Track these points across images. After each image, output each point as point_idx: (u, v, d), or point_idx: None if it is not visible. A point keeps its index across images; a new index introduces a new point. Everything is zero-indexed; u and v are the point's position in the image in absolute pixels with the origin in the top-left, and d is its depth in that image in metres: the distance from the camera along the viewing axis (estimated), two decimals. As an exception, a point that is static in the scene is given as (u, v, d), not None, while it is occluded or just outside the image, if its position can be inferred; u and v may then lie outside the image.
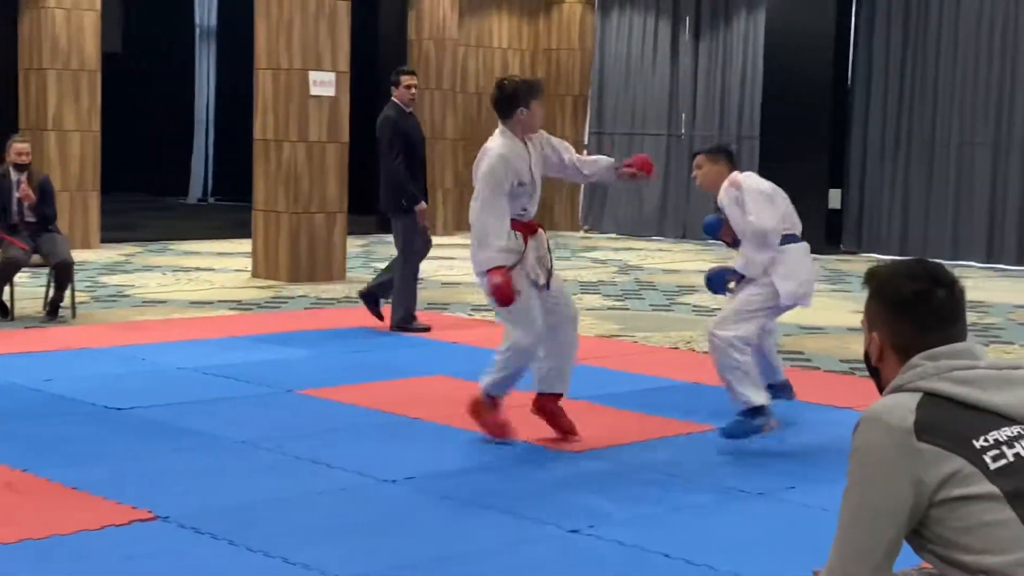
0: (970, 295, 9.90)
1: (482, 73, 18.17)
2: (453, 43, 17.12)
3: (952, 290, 2.45)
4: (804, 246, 6.62)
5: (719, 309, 10.73)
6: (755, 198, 6.32)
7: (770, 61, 16.44)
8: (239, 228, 15.79)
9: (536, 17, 18.73)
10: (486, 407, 5.96)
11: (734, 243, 6.68)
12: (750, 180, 6.45)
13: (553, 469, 5.61)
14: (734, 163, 6.55)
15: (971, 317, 10.70)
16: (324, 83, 12.01)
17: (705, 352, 8.69)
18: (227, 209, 20.49)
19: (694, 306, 11.10)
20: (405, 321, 9.09)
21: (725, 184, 6.41)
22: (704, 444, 6.15)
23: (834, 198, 16.13)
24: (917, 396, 2.36)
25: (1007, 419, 2.33)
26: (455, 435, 6.18)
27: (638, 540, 4.60)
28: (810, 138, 16.09)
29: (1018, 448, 2.30)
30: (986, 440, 2.30)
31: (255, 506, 4.93)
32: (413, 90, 9.27)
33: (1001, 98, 14.99)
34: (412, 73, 9.52)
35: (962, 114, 15.29)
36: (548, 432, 6.20)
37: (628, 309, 10.84)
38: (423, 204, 9.03)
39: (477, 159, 5.98)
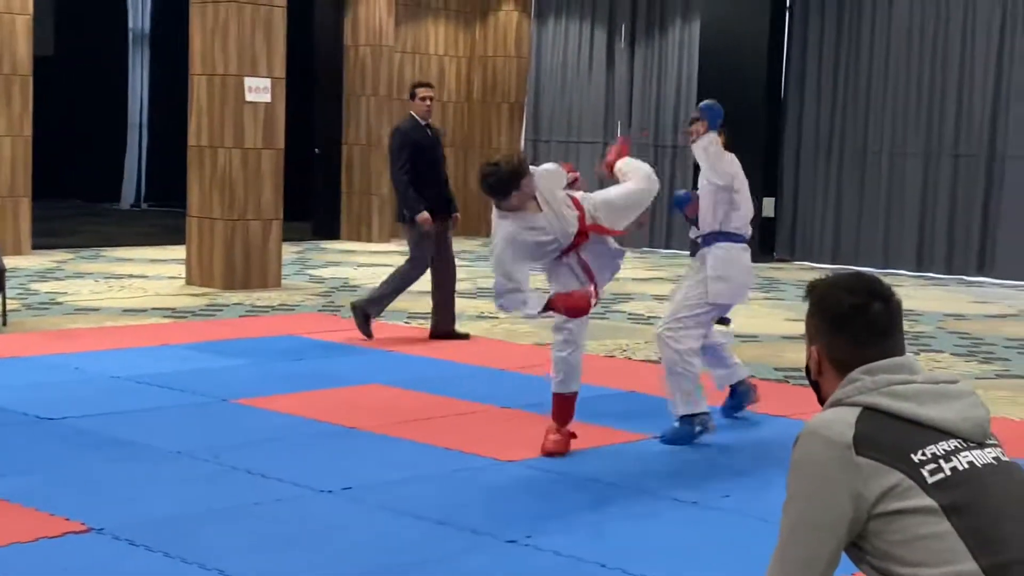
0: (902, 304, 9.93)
1: (418, 79, 18.14)
2: (389, 50, 17.11)
3: (889, 303, 2.48)
4: (743, 247, 6.70)
5: (656, 318, 10.83)
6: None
7: (705, 70, 16.57)
8: (173, 234, 15.67)
9: (472, 24, 18.76)
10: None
11: (695, 221, 6.84)
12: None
13: (490, 479, 5.63)
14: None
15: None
16: (260, 89, 11.95)
17: (640, 360, 8.77)
18: (161, 215, 20.31)
19: (629, 314, 11.17)
20: (362, 315, 9.16)
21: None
22: (640, 453, 6.20)
23: (768, 206, 16.30)
24: (856, 410, 2.39)
25: (944, 433, 2.37)
26: (392, 445, 6.17)
27: (575, 550, 4.63)
28: (744, 146, 16.04)
29: (955, 462, 2.34)
30: (924, 454, 2.33)
31: (191, 517, 4.90)
32: (428, 102, 9.29)
33: (932, 107, 15.22)
34: (427, 85, 9.49)
35: (894, 123, 15.51)
36: (485, 442, 6.22)
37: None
38: (425, 213, 9.01)
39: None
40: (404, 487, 5.43)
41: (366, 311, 9.18)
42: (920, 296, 12.94)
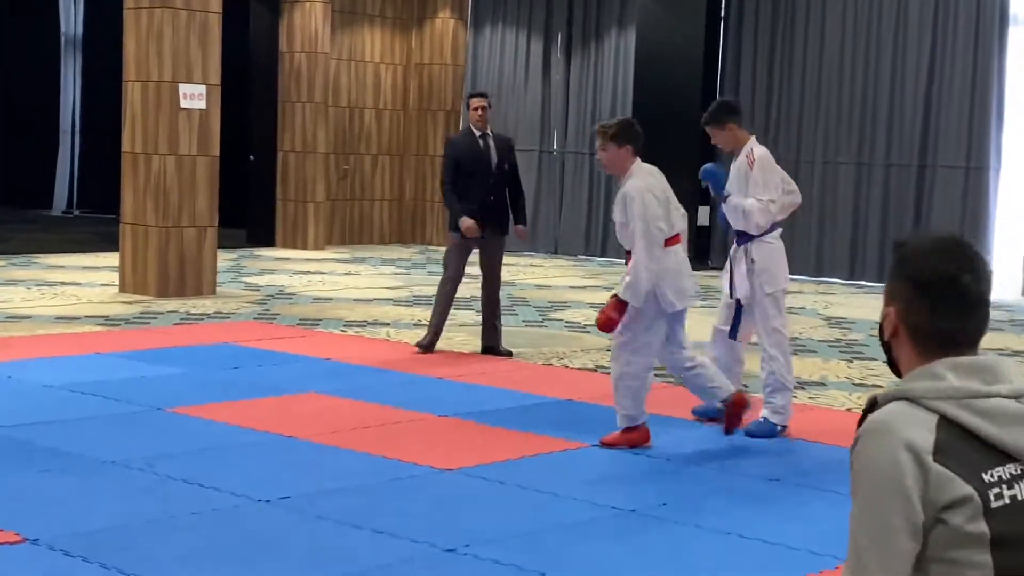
0: (833, 312, 10.21)
1: (354, 87, 18.13)
2: (325, 57, 17.05)
3: (979, 277, 2.29)
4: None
5: (590, 326, 10.88)
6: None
7: (640, 78, 16.68)
8: (106, 241, 15.50)
9: (408, 32, 18.75)
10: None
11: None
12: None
13: (428, 488, 5.63)
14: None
15: (835, 333, 11.03)
16: (194, 96, 11.86)
17: (577, 368, 8.80)
18: (93, 222, 20.09)
19: (567, 322, 11.21)
20: (428, 345, 9.16)
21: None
22: (578, 461, 6.23)
23: (702, 215, 16.43)
24: (934, 418, 2.24)
25: (1011, 458, 2.24)
26: (329, 454, 6.16)
27: (515, 559, 4.64)
28: (680, 155, 16.34)
29: (1016, 490, 2.23)
30: (991, 476, 2.21)
31: (127, 528, 4.86)
32: (480, 111, 9.27)
33: (864, 118, 15.43)
34: (481, 95, 9.48)
35: (826, 133, 15.70)
36: (423, 451, 6.22)
37: (502, 325, 10.87)
38: (468, 220, 8.98)
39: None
40: (342, 496, 5.41)
41: (430, 348, 9.20)
42: (852, 304, 13.11)
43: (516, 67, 18.28)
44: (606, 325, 6.40)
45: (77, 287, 12.34)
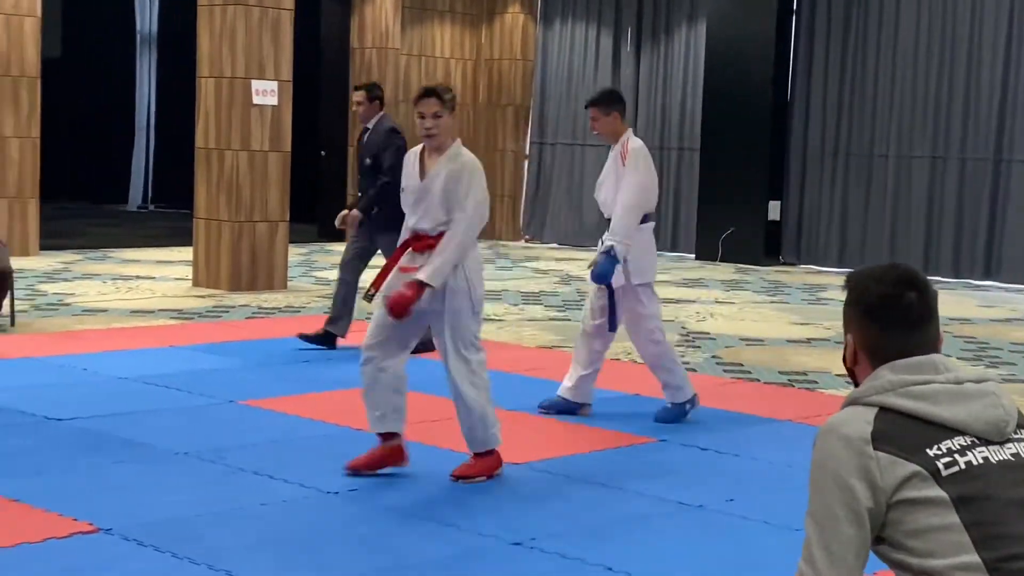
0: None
1: (424, 82, 18.18)
2: (395, 52, 17.14)
3: (924, 294, 2.52)
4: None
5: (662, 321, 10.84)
6: None
7: (710, 73, 16.59)
8: (180, 236, 15.71)
9: (478, 27, 18.79)
10: None
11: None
12: None
13: (495, 481, 5.65)
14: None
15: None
16: (266, 92, 11.99)
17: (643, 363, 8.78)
18: (168, 217, 20.36)
19: (635, 317, 11.17)
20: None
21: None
22: (645, 455, 6.21)
23: (773, 210, 16.32)
24: (873, 410, 2.45)
25: (958, 432, 2.43)
26: (398, 447, 6.19)
27: (580, 553, 4.65)
28: (750, 149, 16.27)
29: (970, 456, 2.40)
30: (939, 449, 2.40)
31: (197, 518, 4.93)
32: (354, 106, 9.22)
33: (938, 111, 15.23)
34: (358, 88, 9.41)
35: (900, 126, 15.52)
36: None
37: (569, 320, 10.90)
38: (344, 212, 8.76)
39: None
40: (409, 489, 5.45)
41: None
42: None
43: (585, 62, 18.25)
44: None
45: (152, 281, 12.51)
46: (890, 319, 2.51)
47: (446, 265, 5.47)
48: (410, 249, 5.68)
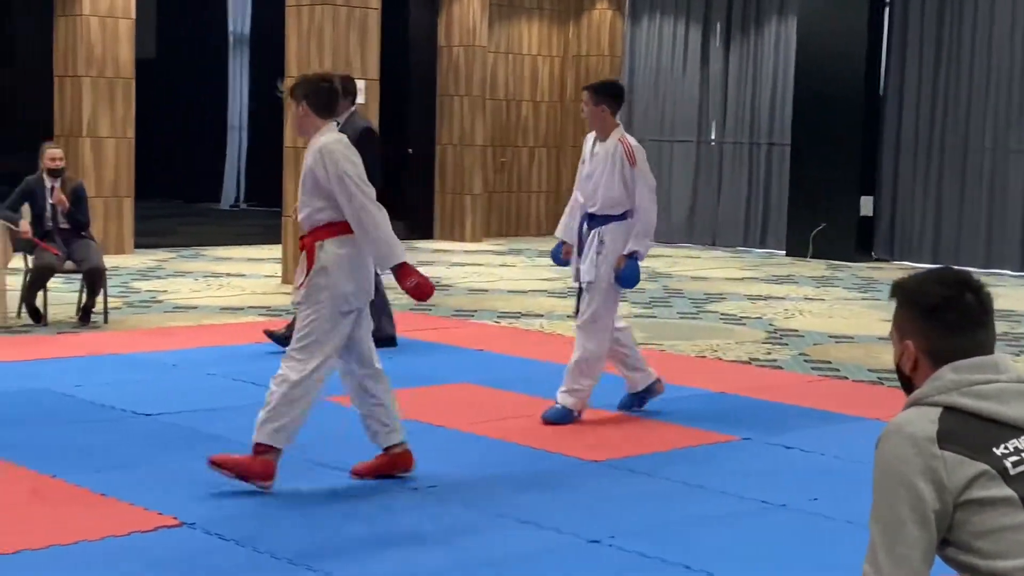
0: (1002, 304, 9.88)
1: (511, 80, 18.22)
2: (482, 50, 17.18)
3: (979, 294, 2.51)
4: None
5: (748, 318, 10.75)
6: None
7: (801, 67, 16.40)
8: (270, 234, 15.88)
9: (566, 23, 18.76)
10: None
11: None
12: None
13: (574, 478, 5.63)
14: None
15: (1002, 327, 10.66)
16: (354, 91, 12.05)
17: (731, 361, 8.70)
18: (259, 215, 20.61)
19: (722, 314, 11.09)
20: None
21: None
22: (729, 454, 6.15)
23: (866, 205, 16.08)
24: (937, 410, 2.41)
25: (1022, 430, 2.40)
26: (479, 443, 6.21)
27: (659, 551, 4.61)
28: (842, 144, 16.05)
29: None
30: (1006, 448, 2.37)
31: (279, 513, 4.97)
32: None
33: (1034, 105, 14.91)
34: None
35: (996, 120, 15.20)
36: (570, 442, 6.22)
37: (655, 317, 10.84)
38: None
39: None
40: (489, 485, 5.45)
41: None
42: (1022, 296, 12.67)
43: (674, 57, 18.14)
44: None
45: (242, 278, 12.67)
46: (953, 320, 2.48)
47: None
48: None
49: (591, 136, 6.81)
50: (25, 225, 9.25)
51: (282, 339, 8.44)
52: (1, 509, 4.94)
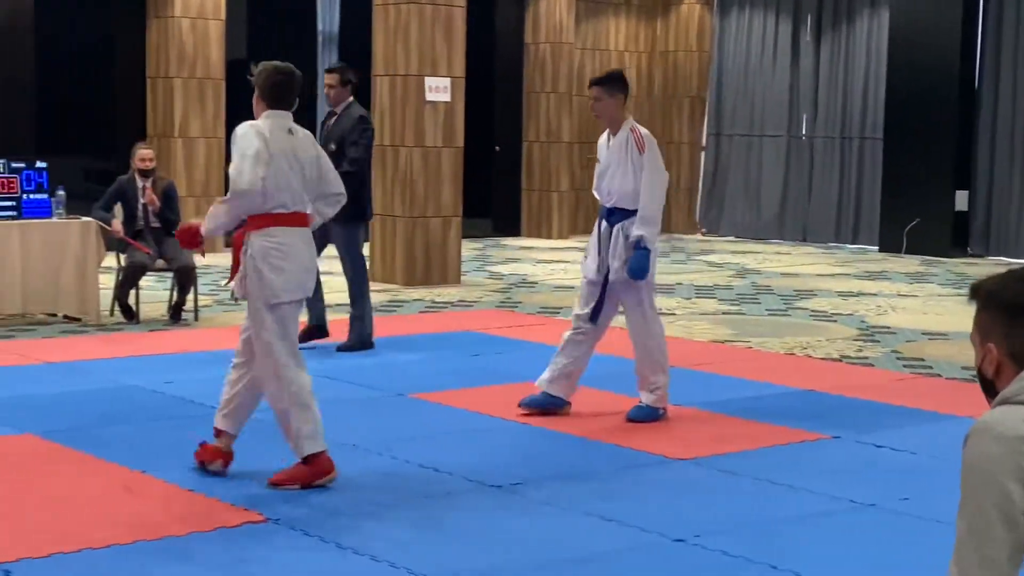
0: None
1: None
2: (569, 47, 17.13)
3: None
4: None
5: (837, 315, 10.59)
6: None
7: (894, 60, 16.14)
8: (358, 232, 15.97)
9: (653, 19, 18.65)
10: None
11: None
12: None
13: (660, 476, 5.58)
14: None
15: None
16: (440, 89, 12.10)
17: (820, 358, 8.58)
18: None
19: (812, 311, 10.94)
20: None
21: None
22: (817, 453, 6.06)
23: (961, 200, 15.77)
24: None
25: None
26: (563, 441, 6.18)
27: (744, 551, 4.55)
28: (936, 138, 15.76)
29: None
30: None
31: (363, 510, 4.98)
32: (326, 88, 8.78)
33: None
34: (330, 71, 8.89)
35: (1095, 113, 14.84)
36: (654, 440, 6.17)
37: (743, 314, 10.73)
38: None
39: None
40: (573, 483, 5.42)
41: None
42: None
43: (763, 51, 17.94)
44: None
45: (330, 276, 12.75)
46: None
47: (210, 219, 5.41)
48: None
49: (605, 133, 6.73)
50: (117, 224, 9.41)
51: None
52: (91, 504, 5.01)
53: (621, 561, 4.48)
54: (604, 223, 6.59)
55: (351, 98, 8.54)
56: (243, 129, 5.33)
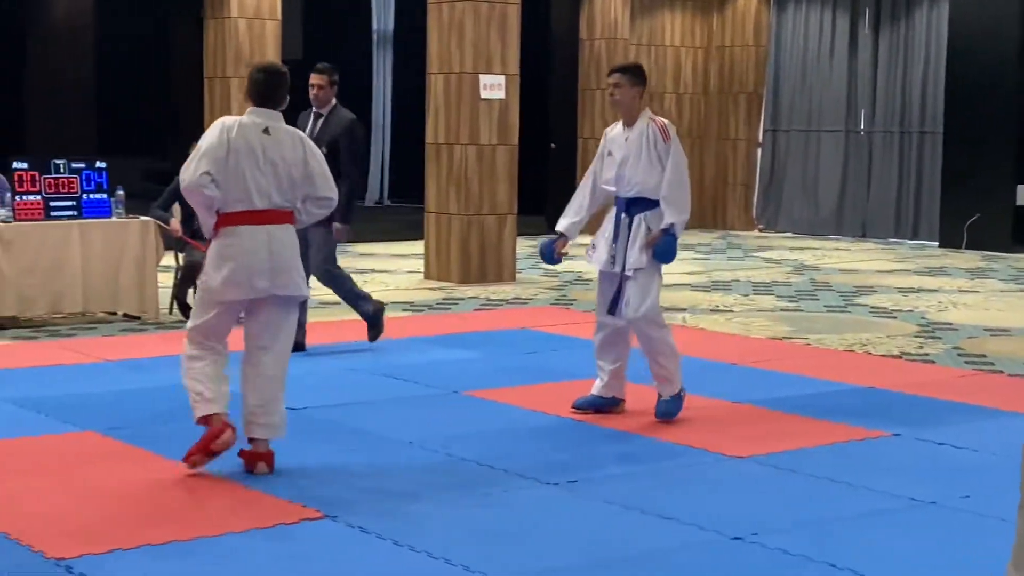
0: None
1: (654, 72, 18.06)
2: (624, 43, 17.07)
3: None
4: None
5: (897, 311, 10.48)
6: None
7: (954, 52, 15.94)
8: (414, 230, 16.02)
9: (709, 14, 18.54)
10: None
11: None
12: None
13: (717, 474, 5.54)
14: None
15: None
16: (494, 86, 12.10)
17: (881, 355, 8.49)
18: (403, 211, 20.82)
19: (872, 307, 10.84)
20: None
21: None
22: (877, 450, 5.99)
23: (1022, 194, 15.55)
24: None
25: None
26: (619, 439, 6.16)
27: (803, 549, 4.50)
28: (996, 132, 15.55)
29: None
30: None
31: (419, 507, 4.99)
32: (314, 89, 8.54)
33: None
34: (317, 71, 8.69)
35: None
36: (712, 437, 6.14)
37: (802, 310, 10.64)
38: None
39: None
40: (629, 481, 5.40)
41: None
42: None
43: (821, 46, 17.79)
44: None
45: (386, 274, 12.81)
46: None
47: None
48: None
49: (616, 125, 6.68)
50: (176, 224, 9.49)
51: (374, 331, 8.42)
52: (151, 501, 5.06)
53: (679, 559, 4.45)
54: (623, 214, 6.53)
55: (335, 100, 8.46)
56: (212, 125, 5.46)
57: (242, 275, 5.36)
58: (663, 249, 6.39)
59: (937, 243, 16.22)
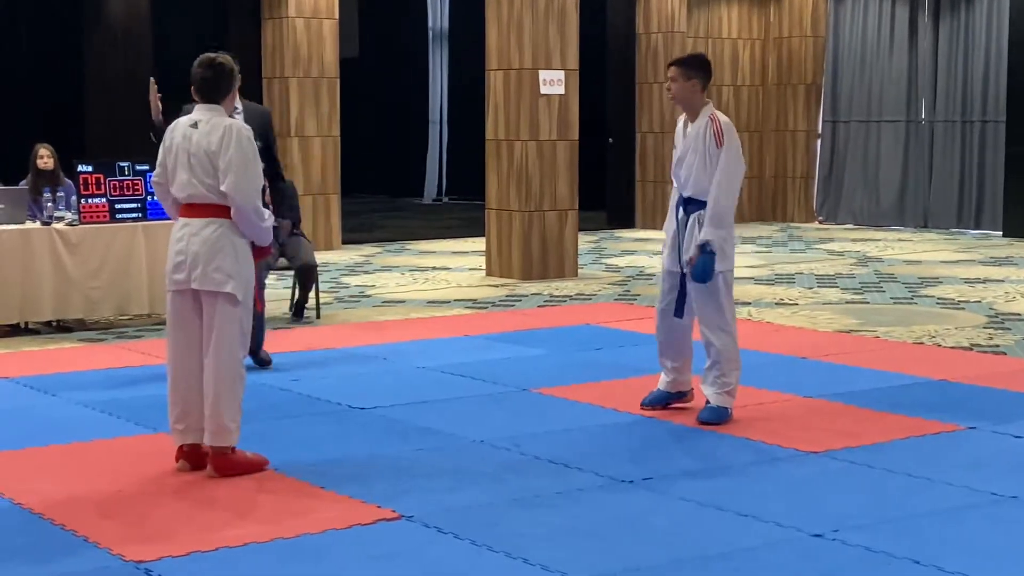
0: None
1: (712, 65, 17.93)
2: (682, 36, 16.97)
3: None
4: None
5: (964, 302, 10.35)
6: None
7: (1015, 40, 15.71)
8: (473, 227, 16.03)
9: (767, 5, 18.39)
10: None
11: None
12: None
13: (794, 471, 5.49)
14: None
15: None
16: (554, 82, 12.07)
17: (950, 347, 8.38)
18: (461, 208, 20.85)
19: (939, 299, 10.70)
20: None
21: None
22: (954, 444, 5.91)
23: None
24: None
25: None
26: (691, 435, 6.11)
27: (885, 546, 4.45)
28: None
29: None
30: None
31: (495, 506, 4.98)
32: None
33: None
34: None
35: None
36: (787, 433, 6.08)
37: (867, 303, 10.53)
38: None
39: None
40: (705, 478, 5.35)
41: None
42: None
43: (880, 35, 17.59)
44: None
45: (447, 272, 12.82)
46: None
47: None
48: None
49: (682, 118, 6.53)
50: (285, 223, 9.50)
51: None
52: (227, 502, 5.08)
53: (760, 557, 4.40)
54: (681, 211, 6.42)
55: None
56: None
57: (168, 266, 5.51)
58: (698, 270, 6.19)
59: (1001, 232, 16.01)
